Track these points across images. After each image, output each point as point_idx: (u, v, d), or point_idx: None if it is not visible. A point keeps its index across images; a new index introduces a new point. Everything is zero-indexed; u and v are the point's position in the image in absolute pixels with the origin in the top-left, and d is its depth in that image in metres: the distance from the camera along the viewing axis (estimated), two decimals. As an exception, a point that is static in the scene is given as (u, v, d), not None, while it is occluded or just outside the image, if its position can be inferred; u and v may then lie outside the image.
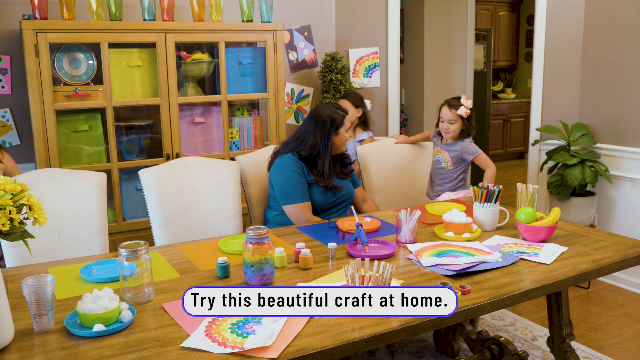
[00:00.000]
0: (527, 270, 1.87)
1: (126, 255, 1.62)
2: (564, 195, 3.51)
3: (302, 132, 2.66)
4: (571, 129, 3.60)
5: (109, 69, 3.09)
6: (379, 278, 1.56)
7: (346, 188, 2.75)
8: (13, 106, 3.22)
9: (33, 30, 2.86)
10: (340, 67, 3.89)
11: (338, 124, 2.64)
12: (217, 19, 3.41)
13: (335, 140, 2.65)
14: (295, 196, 2.54)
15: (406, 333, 1.50)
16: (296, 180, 2.56)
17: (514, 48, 8.52)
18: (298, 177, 2.56)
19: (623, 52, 3.41)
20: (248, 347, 1.36)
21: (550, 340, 2.33)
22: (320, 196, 2.63)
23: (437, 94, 5.10)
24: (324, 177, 2.61)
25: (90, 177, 2.48)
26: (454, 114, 2.96)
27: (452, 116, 2.97)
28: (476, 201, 2.32)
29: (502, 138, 8.02)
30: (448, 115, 2.97)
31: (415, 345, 2.83)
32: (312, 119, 2.64)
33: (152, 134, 3.42)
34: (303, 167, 2.61)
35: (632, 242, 2.12)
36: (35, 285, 1.45)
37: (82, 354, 1.35)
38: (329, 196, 2.65)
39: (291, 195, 2.55)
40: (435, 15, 4.99)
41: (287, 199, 2.56)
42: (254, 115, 3.71)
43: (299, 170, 2.58)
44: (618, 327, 3.02)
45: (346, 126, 2.67)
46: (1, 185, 1.42)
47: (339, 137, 2.66)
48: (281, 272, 1.88)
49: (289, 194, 2.55)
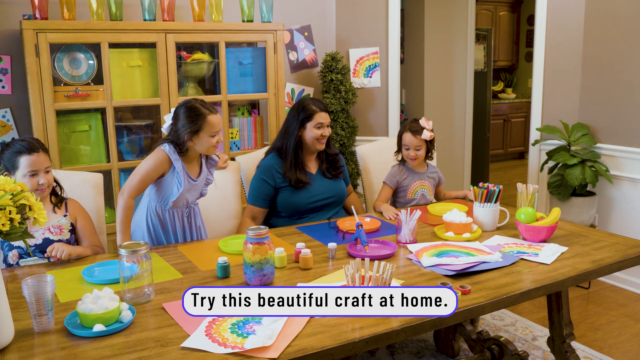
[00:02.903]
0: (527, 270, 1.86)
1: (126, 256, 1.62)
2: (564, 196, 3.51)
3: (282, 127, 2.73)
4: (571, 129, 3.60)
5: (109, 69, 3.09)
6: (379, 278, 1.56)
7: (331, 188, 2.71)
8: (13, 106, 3.22)
9: (33, 30, 2.86)
10: (340, 67, 3.89)
11: (306, 117, 2.61)
12: (217, 19, 3.41)
13: (303, 134, 2.64)
14: (251, 197, 2.68)
15: (406, 333, 1.50)
16: (259, 185, 2.65)
17: (514, 48, 8.52)
18: (262, 183, 2.64)
19: (623, 52, 3.41)
20: (248, 347, 1.36)
21: (551, 340, 2.33)
22: (296, 197, 2.63)
23: (437, 94, 5.10)
24: (292, 170, 2.61)
25: (87, 177, 2.49)
26: (419, 139, 2.73)
27: (417, 142, 2.74)
28: (476, 201, 2.32)
29: (503, 138, 8.02)
30: (414, 142, 2.73)
31: (416, 345, 2.83)
32: (292, 109, 2.69)
33: (153, 134, 3.42)
34: (275, 172, 2.63)
35: (632, 242, 2.12)
36: (36, 285, 1.45)
37: (82, 354, 1.35)
38: (306, 195, 2.64)
39: (250, 195, 2.68)
40: (436, 15, 4.98)
41: (248, 199, 2.70)
42: (254, 116, 3.71)
43: (266, 178, 2.63)
44: (618, 327, 3.02)
45: (315, 121, 2.60)
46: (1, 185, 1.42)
47: (307, 132, 2.62)
48: (281, 272, 1.89)
49: (250, 194, 2.69)
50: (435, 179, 2.89)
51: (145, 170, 2.26)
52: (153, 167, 2.26)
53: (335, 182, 2.76)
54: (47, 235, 2.12)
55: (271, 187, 2.63)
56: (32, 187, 2.06)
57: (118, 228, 2.18)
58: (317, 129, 2.62)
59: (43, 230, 2.12)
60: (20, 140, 2.11)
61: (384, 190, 2.79)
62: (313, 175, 2.70)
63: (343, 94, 3.88)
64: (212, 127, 2.25)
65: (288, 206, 2.64)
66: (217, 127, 2.26)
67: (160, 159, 2.26)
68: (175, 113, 2.30)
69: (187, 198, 2.38)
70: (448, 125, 5.23)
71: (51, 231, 2.13)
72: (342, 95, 3.88)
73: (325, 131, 2.63)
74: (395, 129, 4.14)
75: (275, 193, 2.66)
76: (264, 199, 2.64)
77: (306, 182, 2.62)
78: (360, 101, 4.12)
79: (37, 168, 2.07)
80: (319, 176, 2.72)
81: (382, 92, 4.13)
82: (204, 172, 2.43)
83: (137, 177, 2.25)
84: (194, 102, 2.28)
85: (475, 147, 5.59)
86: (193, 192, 2.40)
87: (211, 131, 2.25)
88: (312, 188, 2.65)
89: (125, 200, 2.22)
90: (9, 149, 2.09)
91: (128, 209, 2.21)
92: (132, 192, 2.24)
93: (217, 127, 2.26)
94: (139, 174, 2.26)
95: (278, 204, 2.66)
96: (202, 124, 2.24)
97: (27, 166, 2.05)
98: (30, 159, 2.05)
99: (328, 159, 2.76)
